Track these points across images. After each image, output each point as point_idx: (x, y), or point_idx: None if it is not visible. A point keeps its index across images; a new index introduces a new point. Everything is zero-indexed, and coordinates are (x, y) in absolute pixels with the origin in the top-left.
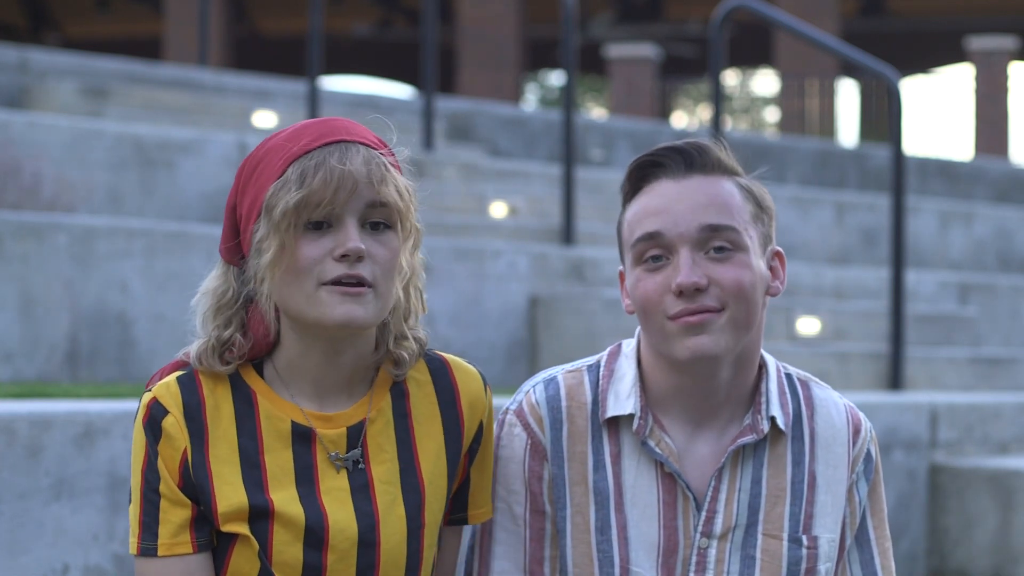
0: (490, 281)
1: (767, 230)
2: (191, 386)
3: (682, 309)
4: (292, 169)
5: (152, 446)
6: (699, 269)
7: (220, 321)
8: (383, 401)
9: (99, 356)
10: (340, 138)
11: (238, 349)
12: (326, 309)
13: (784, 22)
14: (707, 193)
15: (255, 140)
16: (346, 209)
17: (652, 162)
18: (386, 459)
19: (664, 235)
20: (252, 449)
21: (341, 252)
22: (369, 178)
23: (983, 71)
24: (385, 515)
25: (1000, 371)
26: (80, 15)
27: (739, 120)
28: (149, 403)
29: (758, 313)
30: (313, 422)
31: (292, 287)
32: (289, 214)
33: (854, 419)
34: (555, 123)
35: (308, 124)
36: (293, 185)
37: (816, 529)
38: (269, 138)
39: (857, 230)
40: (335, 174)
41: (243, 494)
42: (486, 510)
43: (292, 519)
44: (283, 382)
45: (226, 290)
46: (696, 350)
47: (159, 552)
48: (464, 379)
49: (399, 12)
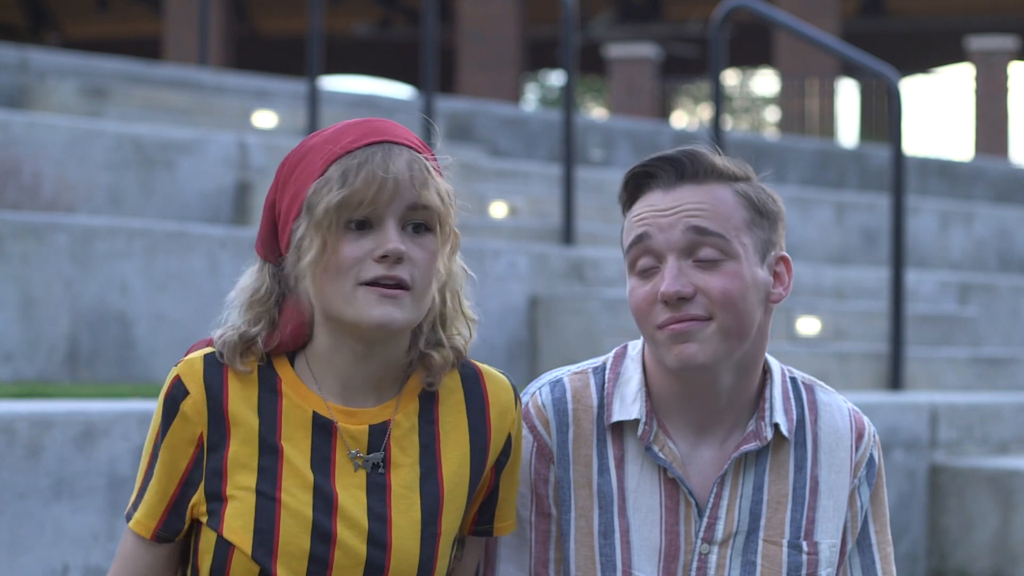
0: (490, 281)
1: (768, 235)
2: (216, 366)
3: (668, 318)
4: (334, 168)
5: (164, 426)
6: (684, 278)
7: (251, 316)
8: (410, 405)
9: (99, 356)
10: (383, 139)
11: (262, 346)
12: (363, 309)
13: (784, 22)
14: (695, 201)
15: (255, 140)
16: (388, 210)
17: (644, 172)
18: (407, 463)
19: (651, 244)
20: (271, 434)
21: (381, 253)
22: (411, 180)
23: (983, 71)
24: (398, 519)
25: (1000, 371)
26: (80, 15)
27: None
28: (172, 380)
29: (752, 321)
30: (336, 415)
31: (331, 286)
32: (331, 213)
33: (858, 424)
34: (555, 123)
35: (351, 124)
36: (335, 184)
37: (817, 534)
38: (310, 137)
39: (857, 230)
40: (378, 174)
41: (254, 479)
42: (511, 523)
43: (301, 508)
44: (312, 376)
45: (260, 287)
46: (683, 358)
47: (129, 523)
48: (495, 389)
49: (399, 12)
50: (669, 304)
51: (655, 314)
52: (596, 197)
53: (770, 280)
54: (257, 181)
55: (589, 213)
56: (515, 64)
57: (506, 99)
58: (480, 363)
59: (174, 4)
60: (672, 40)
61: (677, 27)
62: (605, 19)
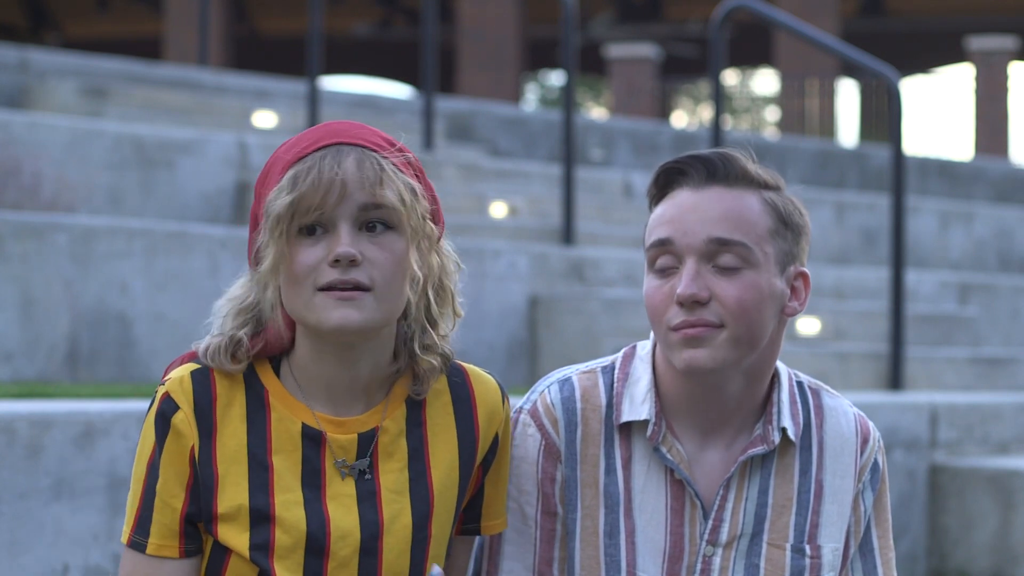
0: (490, 281)
1: (790, 247)
2: (204, 382)
3: (682, 321)
4: (287, 175)
5: (159, 443)
6: (701, 281)
7: (238, 322)
8: (398, 410)
9: (99, 356)
10: (336, 141)
11: (248, 348)
12: (322, 314)
13: (784, 22)
14: (722, 205)
15: (255, 140)
16: (338, 213)
17: (676, 169)
18: (396, 468)
19: (673, 244)
20: (261, 449)
21: (333, 257)
22: (361, 181)
23: (983, 71)
24: (390, 525)
25: (1000, 371)
26: (80, 15)
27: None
28: (161, 397)
29: (764, 331)
30: (324, 426)
31: (292, 293)
32: (282, 220)
33: (863, 428)
34: (555, 123)
35: (311, 129)
36: (285, 190)
37: (821, 538)
38: (280, 145)
39: (857, 230)
40: (324, 177)
41: (245, 495)
42: (500, 521)
43: (294, 523)
44: (297, 384)
45: (247, 295)
46: (692, 363)
47: (147, 550)
48: (482, 390)
49: (399, 12)
50: (684, 306)
51: (670, 315)
52: (596, 197)
53: (787, 292)
54: None
55: (589, 213)
56: (515, 64)
57: (506, 99)
58: (466, 364)
59: (174, 4)
60: (672, 40)
61: (677, 27)
62: (605, 19)
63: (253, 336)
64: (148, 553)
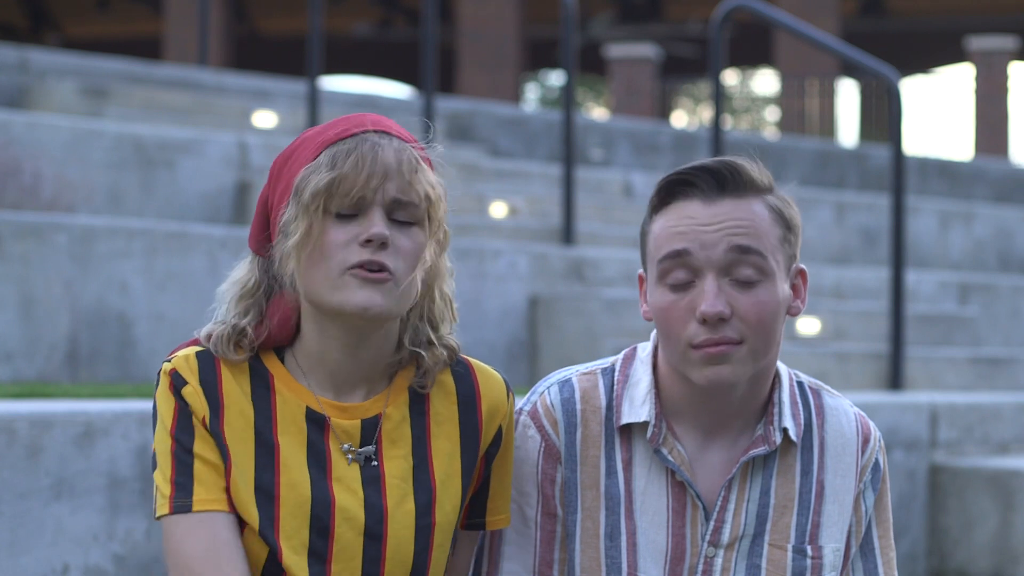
0: (490, 281)
1: (793, 250)
2: (209, 362)
3: (705, 339)
4: (324, 154)
5: (181, 409)
6: (723, 296)
7: (240, 309)
8: (400, 397)
9: (99, 356)
10: (375, 128)
11: (253, 338)
12: (347, 294)
13: (784, 22)
14: (738, 217)
15: (255, 140)
16: (375, 198)
17: (683, 180)
18: (399, 455)
19: (692, 258)
20: (267, 428)
21: (366, 237)
22: (400, 169)
23: (983, 71)
24: (394, 510)
25: (1000, 371)
26: (80, 15)
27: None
28: (170, 372)
29: (777, 339)
30: (327, 411)
31: (316, 271)
32: (319, 195)
33: (864, 428)
34: (555, 123)
35: (345, 116)
36: (324, 167)
37: (822, 539)
38: (304, 132)
39: (857, 230)
40: (367, 159)
41: (252, 473)
42: (504, 517)
43: (299, 502)
44: (302, 371)
45: (249, 279)
46: (714, 379)
47: (194, 507)
48: (486, 384)
49: (399, 12)
50: (708, 324)
51: (690, 332)
52: (596, 197)
53: (790, 294)
54: (257, 181)
55: (589, 213)
56: (515, 64)
57: (506, 99)
58: (471, 358)
59: (174, 4)
60: (672, 40)
61: (677, 27)
62: (605, 19)
63: (257, 325)
64: (196, 510)
